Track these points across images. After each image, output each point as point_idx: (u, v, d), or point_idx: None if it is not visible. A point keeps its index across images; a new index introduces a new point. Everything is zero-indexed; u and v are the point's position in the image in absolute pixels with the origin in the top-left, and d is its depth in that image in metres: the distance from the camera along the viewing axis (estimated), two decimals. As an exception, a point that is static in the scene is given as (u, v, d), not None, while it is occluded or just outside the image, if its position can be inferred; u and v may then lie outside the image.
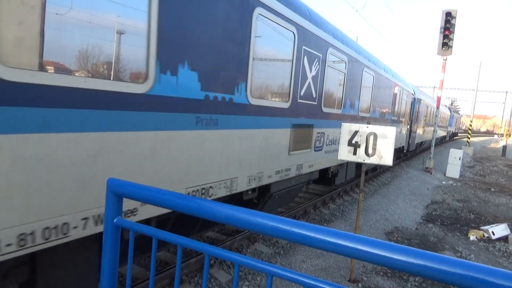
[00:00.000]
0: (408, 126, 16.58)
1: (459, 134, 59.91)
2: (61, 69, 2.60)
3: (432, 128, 21.89)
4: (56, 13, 2.51)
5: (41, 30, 2.44)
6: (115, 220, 1.80)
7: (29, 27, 2.37)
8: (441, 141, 38.47)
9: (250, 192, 5.34)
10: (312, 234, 1.32)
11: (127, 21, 3.00)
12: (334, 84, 7.48)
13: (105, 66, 2.91)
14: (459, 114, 59.16)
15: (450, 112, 45.21)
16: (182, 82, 3.57)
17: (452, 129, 48.89)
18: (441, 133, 33.99)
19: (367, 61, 9.37)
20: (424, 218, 9.09)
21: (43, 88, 2.45)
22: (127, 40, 3.02)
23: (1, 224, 2.33)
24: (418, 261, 1.13)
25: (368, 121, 6.94)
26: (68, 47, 2.63)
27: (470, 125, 30.19)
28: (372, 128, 4.73)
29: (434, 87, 72.16)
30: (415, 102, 17.35)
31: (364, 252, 1.22)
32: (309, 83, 6.32)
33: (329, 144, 7.63)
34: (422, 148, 24.66)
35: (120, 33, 2.96)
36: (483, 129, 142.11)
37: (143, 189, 1.75)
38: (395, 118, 13.44)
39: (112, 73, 2.94)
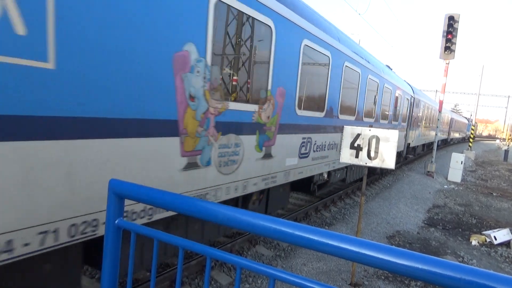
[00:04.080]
0: (448, 131, 37.76)
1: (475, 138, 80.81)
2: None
3: (458, 133, 51.03)
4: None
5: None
6: (116, 221, 1.79)
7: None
8: (463, 140, 57.55)
9: None
10: (315, 237, 1.31)
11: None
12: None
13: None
14: (476, 123, 76.84)
15: (468, 121, 61.07)
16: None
17: (469, 133, 67.57)
18: (461, 135, 54.04)
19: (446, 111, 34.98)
20: (425, 222, 9.05)
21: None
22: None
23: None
24: (422, 266, 1.12)
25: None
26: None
27: (473, 129, 30.11)
28: (375, 131, 4.71)
29: (436, 90, 72.17)
30: (451, 120, 38.93)
31: (366, 256, 1.21)
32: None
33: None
34: (454, 141, 47.06)
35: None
36: (485, 133, 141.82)
37: (145, 190, 1.75)
38: (445, 128, 31.92)
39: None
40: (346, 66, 7.55)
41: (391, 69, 13.44)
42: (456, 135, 47.41)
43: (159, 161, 3.37)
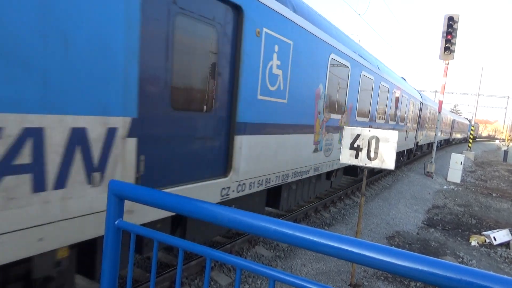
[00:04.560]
0: (450, 132, 41.23)
1: (476, 139, 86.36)
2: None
3: (459, 134, 55.78)
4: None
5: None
6: (116, 222, 1.79)
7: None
8: (464, 140, 62.27)
9: None
10: (314, 238, 1.31)
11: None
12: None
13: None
14: (477, 124, 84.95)
15: (470, 122, 66.81)
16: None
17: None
18: (463, 136, 59.27)
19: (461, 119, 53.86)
20: (425, 222, 9.06)
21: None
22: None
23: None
24: (421, 267, 1.12)
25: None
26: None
27: (472, 130, 30.13)
28: (374, 132, 4.72)
29: (436, 91, 72.32)
30: (453, 122, 42.74)
31: (366, 257, 1.21)
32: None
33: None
34: (456, 141, 51.78)
35: None
36: (484, 134, 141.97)
37: (145, 191, 1.74)
38: (447, 130, 36.00)
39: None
40: (381, 84, 10.84)
41: (405, 80, 17.12)
42: (458, 135, 53.54)
43: (306, 146, 6.29)
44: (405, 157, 18.13)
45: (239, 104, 4.25)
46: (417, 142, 19.71)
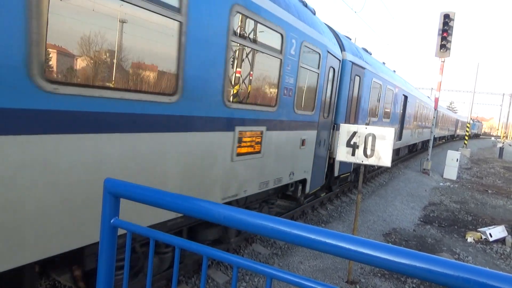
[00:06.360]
0: (454, 130, 52.34)
1: (480, 136, 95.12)
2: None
3: (462, 131, 62.39)
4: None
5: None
6: (112, 221, 1.77)
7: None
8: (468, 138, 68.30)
9: None
10: (311, 236, 1.30)
11: None
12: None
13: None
14: (481, 123, 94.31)
15: (473, 122, 75.49)
16: None
17: (475, 131, 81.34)
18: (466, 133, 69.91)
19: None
20: (421, 219, 9.10)
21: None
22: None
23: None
24: (418, 263, 1.12)
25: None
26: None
27: (468, 127, 30.27)
28: (371, 129, 4.72)
29: (432, 88, 72.66)
30: (456, 121, 54.71)
31: (363, 254, 1.21)
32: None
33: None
34: (459, 136, 60.42)
35: None
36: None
37: (141, 190, 1.73)
38: (452, 128, 49.46)
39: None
40: (425, 106, 19.69)
41: (429, 97, 26.73)
42: (461, 132, 65.62)
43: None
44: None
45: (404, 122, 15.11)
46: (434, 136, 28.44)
